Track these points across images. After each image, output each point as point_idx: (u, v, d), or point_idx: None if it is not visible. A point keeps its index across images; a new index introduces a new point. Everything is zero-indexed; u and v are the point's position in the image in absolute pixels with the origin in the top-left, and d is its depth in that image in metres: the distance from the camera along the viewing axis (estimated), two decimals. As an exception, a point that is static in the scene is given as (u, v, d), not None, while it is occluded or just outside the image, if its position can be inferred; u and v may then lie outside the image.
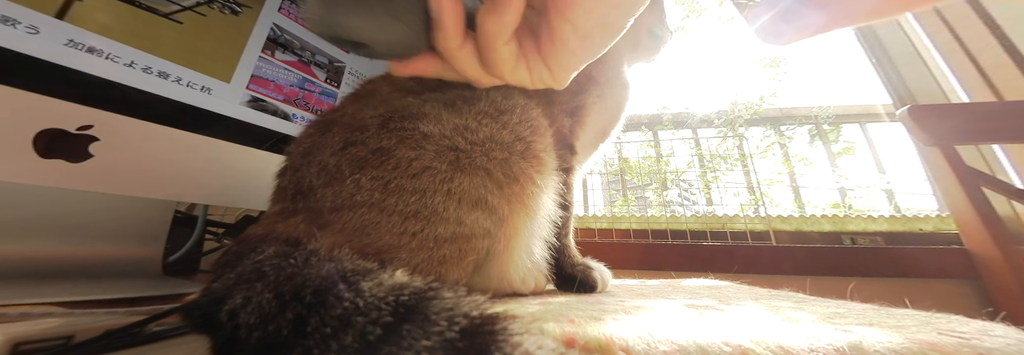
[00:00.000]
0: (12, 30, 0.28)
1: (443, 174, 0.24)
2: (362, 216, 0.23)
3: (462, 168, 0.25)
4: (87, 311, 0.25)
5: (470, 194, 0.24)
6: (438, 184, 0.24)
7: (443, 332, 0.13)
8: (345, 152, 0.25)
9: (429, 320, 0.14)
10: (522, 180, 0.26)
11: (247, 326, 0.15)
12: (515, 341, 0.13)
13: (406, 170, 0.24)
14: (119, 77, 0.34)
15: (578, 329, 0.18)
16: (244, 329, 0.15)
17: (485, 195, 0.25)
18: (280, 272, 0.17)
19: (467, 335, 0.13)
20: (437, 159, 0.24)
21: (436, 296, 0.15)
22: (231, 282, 0.17)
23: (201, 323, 0.17)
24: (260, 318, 0.15)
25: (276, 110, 0.46)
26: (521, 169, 0.26)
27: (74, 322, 0.21)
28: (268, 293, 0.16)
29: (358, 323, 0.14)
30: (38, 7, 0.29)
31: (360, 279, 0.16)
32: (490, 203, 0.25)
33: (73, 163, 0.31)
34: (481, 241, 0.25)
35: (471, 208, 0.24)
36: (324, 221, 0.23)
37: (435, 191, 0.24)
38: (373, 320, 0.14)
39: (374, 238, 0.23)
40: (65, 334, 0.20)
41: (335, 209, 0.23)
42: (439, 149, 0.25)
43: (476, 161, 0.25)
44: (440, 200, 0.24)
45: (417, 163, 0.24)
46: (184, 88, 0.38)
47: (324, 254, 0.19)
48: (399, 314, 0.14)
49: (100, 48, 0.32)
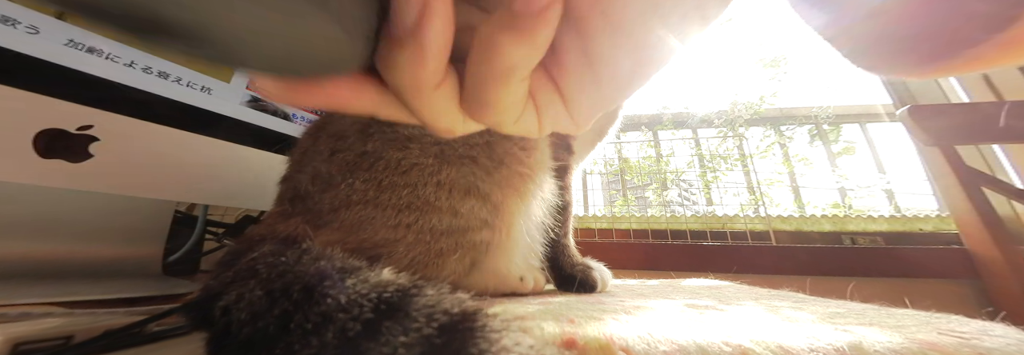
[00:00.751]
0: (12, 30, 0.28)
1: (431, 167, 0.25)
2: (358, 213, 0.24)
3: (448, 160, 0.26)
4: (87, 311, 0.25)
5: (460, 183, 0.25)
6: (427, 177, 0.25)
7: (421, 328, 0.13)
8: (333, 159, 0.26)
9: (409, 317, 0.14)
10: (508, 161, 0.27)
11: (239, 322, 0.15)
12: (493, 337, 0.13)
13: (396, 168, 0.25)
14: (119, 77, 0.34)
15: (578, 329, 0.18)
16: (236, 325, 0.15)
17: (475, 182, 0.26)
18: (272, 269, 0.17)
19: (445, 331, 0.13)
20: (422, 155, 0.25)
21: (419, 293, 0.15)
22: (228, 279, 0.17)
23: (198, 319, 0.17)
24: (251, 314, 0.15)
25: (276, 110, 0.46)
26: (505, 150, 0.27)
27: (74, 322, 0.21)
28: (259, 290, 0.16)
29: (339, 319, 0.14)
30: (40, 9, 0.29)
31: (346, 276, 0.16)
32: (482, 190, 0.26)
33: (73, 163, 0.31)
34: (478, 233, 0.25)
35: (464, 196, 0.25)
36: (322, 221, 0.24)
37: (425, 183, 0.25)
38: (354, 317, 0.14)
39: (371, 232, 0.24)
40: (65, 334, 0.20)
41: (333, 209, 0.24)
42: (423, 146, 0.26)
43: (459, 150, 0.26)
44: (431, 191, 0.25)
45: (405, 161, 0.25)
46: (184, 88, 0.38)
47: (316, 252, 0.19)
48: (380, 311, 0.14)
49: (100, 48, 0.32)
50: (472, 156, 0.26)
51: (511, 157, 0.27)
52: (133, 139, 0.34)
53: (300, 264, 0.18)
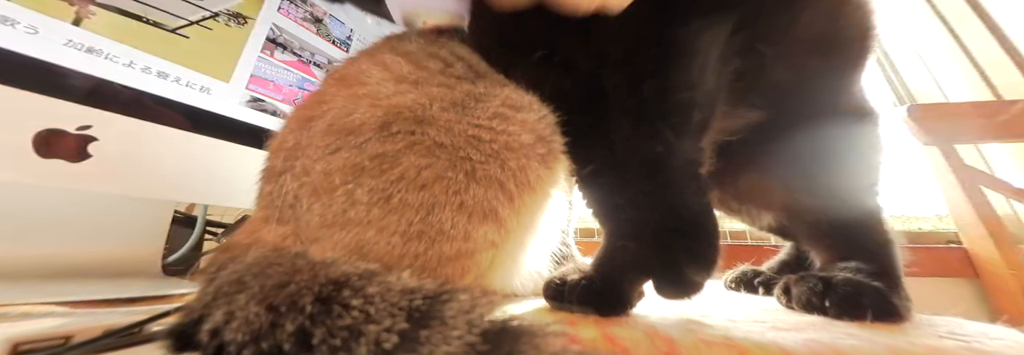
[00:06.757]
0: (11, 30, 0.28)
1: (458, 185, 0.21)
2: (357, 236, 0.20)
3: (477, 179, 0.22)
4: (88, 311, 0.25)
5: (481, 207, 0.21)
6: (451, 196, 0.21)
7: (463, 336, 0.13)
8: (334, 157, 0.21)
9: (446, 324, 0.13)
10: (537, 188, 0.23)
11: (237, 344, 0.14)
12: (537, 343, 0.12)
13: (415, 180, 0.21)
14: (118, 77, 0.34)
15: (579, 331, 0.18)
16: (233, 346, 0.14)
17: (496, 207, 0.22)
18: (264, 282, 0.16)
19: (490, 338, 0.13)
20: (451, 169, 0.21)
21: (451, 299, 0.14)
22: (208, 298, 0.16)
23: (181, 347, 0.16)
24: (250, 334, 0.14)
25: (275, 110, 0.46)
26: (538, 176, 0.23)
27: (73, 322, 0.21)
28: (255, 306, 0.15)
29: (371, 332, 0.13)
30: (40, 9, 0.29)
31: (366, 284, 0.15)
32: (500, 215, 0.22)
33: (72, 163, 0.31)
34: (485, 254, 0.22)
35: (481, 221, 0.21)
36: (312, 236, 0.21)
37: (445, 204, 0.21)
38: (388, 328, 0.13)
39: (372, 258, 0.20)
40: (64, 334, 0.20)
41: (325, 225, 0.21)
42: (453, 159, 0.21)
43: (491, 172, 0.22)
44: (449, 215, 0.21)
45: (428, 172, 0.21)
46: (183, 88, 0.38)
47: (316, 260, 0.18)
48: (414, 320, 0.13)
49: (99, 48, 0.32)
50: (501, 180, 0.22)
51: (540, 183, 0.24)
52: (132, 139, 0.34)
53: (299, 272, 0.16)
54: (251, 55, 0.44)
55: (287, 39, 0.48)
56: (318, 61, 0.52)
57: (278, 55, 0.47)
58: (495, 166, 0.22)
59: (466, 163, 0.21)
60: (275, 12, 0.46)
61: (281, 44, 0.47)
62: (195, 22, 0.39)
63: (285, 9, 0.48)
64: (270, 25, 0.46)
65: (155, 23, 0.36)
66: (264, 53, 0.45)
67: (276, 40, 0.46)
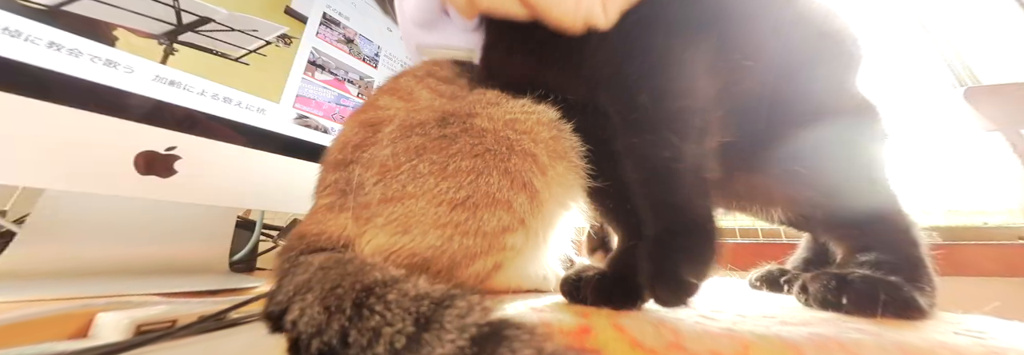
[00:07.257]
0: (114, 71, 0.35)
1: (503, 154, 0.26)
2: (409, 207, 0.24)
3: (515, 151, 0.26)
4: (182, 300, 0.30)
5: (522, 174, 0.26)
6: (498, 162, 0.25)
7: (455, 340, 0.14)
8: (405, 141, 0.26)
9: (444, 328, 0.15)
10: (564, 157, 0.28)
11: (307, 334, 0.17)
12: (516, 347, 0.14)
13: (469, 151, 0.25)
14: (194, 104, 0.40)
15: (591, 321, 0.20)
16: (305, 336, 0.17)
17: (532, 178, 0.26)
18: (324, 285, 0.18)
19: (476, 342, 0.14)
20: (496, 143, 0.26)
21: (451, 305, 0.16)
22: (290, 293, 0.19)
23: (275, 327, 0.19)
24: (315, 328, 0.16)
25: (318, 125, 0.52)
26: (563, 147, 0.28)
27: (174, 310, 0.26)
28: (318, 306, 0.17)
29: (387, 333, 0.15)
30: (146, 55, 0.36)
31: (388, 291, 0.17)
32: (534, 186, 0.26)
33: (163, 178, 0.37)
34: (513, 235, 0.25)
35: (520, 189, 0.25)
36: (370, 213, 0.25)
37: (493, 170, 0.25)
38: (399, 330, 0.15)
39: (417, 236, 0.24)
40: (171, 318, 0.25)
41: (384, 201, 0.25)
42: (497, 137, 0.26)
43: (525, 145, 0.26)
44: (496, 179, 0.25)
45: (479, 146, 0.26)
46: (243, 110, 0.44)
47: (361, 264, 0.21)
48: (419, 324, 0.15)
49: (179, 80, 0.39)
50: (534, 153, 0.26)
51: (573, 152, 0.28)
52: (206, 156, 0.40)
53: (345, 278, 0.19)
54: (296, 77, 0.49)
55: (325, 60, 0.53)
56: (351, 78, 0.57)
57: (318, 75, 0.52)
58: (528, 140, 0.27)
59: (506, 141, 0.27)
60: (314, 37, 0.52)
61: (320, 65, 0.52)
62: (253, 50, 0.44)
63: (322, 34, 0.53)
64: (310, 49, 0.51)
65: (222, 54, 0.42)
66: (306, 74, 0.50)
67: (315, 62, 0.52)
